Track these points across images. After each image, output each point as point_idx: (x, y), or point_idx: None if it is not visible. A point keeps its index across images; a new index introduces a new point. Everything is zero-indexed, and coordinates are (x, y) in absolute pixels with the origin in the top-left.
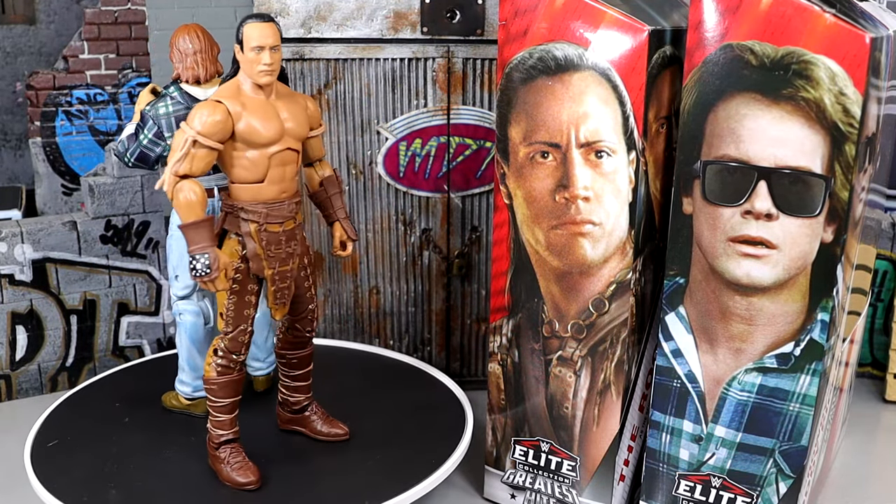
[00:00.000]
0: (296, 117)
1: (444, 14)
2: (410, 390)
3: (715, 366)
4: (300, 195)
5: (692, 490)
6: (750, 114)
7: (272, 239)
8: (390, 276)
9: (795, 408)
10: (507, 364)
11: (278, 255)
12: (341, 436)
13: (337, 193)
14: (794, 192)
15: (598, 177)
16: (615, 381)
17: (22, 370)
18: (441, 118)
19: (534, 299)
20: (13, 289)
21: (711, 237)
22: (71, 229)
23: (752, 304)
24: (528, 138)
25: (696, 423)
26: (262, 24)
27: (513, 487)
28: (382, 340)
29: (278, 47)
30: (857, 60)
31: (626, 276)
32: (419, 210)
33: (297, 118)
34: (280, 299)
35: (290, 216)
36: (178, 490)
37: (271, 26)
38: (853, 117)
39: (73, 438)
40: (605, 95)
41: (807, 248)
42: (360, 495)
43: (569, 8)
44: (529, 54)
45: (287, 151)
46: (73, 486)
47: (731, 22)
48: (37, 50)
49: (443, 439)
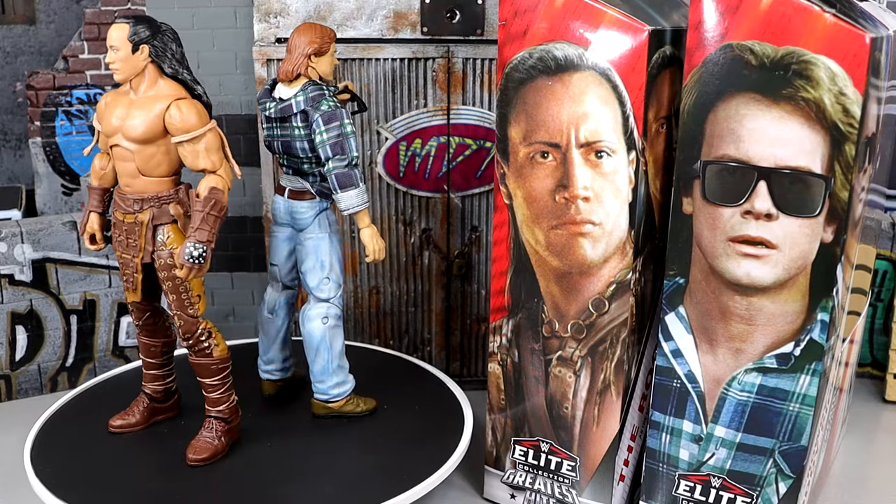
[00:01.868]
0: (135, 118)
1: (444, 14)
2: (410, 390)
3: (715, 366)
4: (159, 201)
5: (692, 490)
6: (750, 114)
7: (117, 224)
8: (390, 276)
9: (795, 408)
10: (507, 364)
11: (119, 241)
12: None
13: (196, 212)
14: (794, 192)
15: (598, 177)
16: (615, 381)
17: (22, 370)
18: (441, 118)
19: (534, 299)
20: (13, 289)
21: (711, 237)
22: (71, 229)
23: (751, 304)
24: (528, 138)
25: (696, 424)
26: (111, 26)
27: (513, 487)
28: (382, 340)
29: (115, 48)
30: (857, 60)
31: (626, 276)
32: (419, 210)
33: (136, 119)
34: (126, 283)
35: (130, 210)
36: (179, 490)
37: (115, 27)
38: (853, 117)
39: (73, 439)
40: (604, 95)
41: (807, 248)
42: (360, 495)
43: (569, 8)
44: (529, 54)
45: (120, 148)
46: (73, 486)
47: (730, 22)
48: (37, 50)
49: (443, 439)
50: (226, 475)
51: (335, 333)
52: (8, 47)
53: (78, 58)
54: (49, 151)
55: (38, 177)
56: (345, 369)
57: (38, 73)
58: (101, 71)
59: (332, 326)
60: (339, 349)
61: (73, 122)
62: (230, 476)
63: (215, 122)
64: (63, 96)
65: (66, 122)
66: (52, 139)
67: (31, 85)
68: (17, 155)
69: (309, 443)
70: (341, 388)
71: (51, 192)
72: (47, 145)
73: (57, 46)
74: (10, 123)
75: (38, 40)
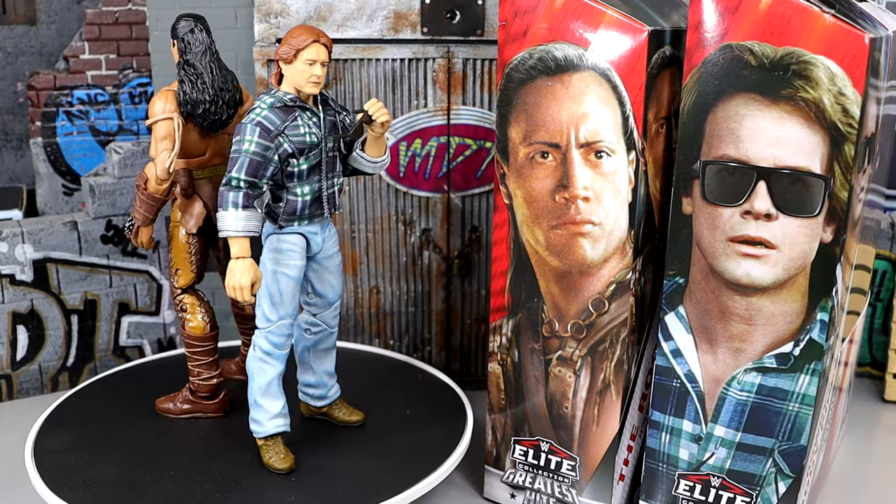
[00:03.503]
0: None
1: (444, 14)
2: (410, 390)
3: (714, 365)
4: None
5: (692, 490)
6: (749, 114)
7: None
8: (390, 276)
9: (795, 407)
10: (507, 364)
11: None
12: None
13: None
14: (794, 192)
15: (598, 177)
16: (615, 380)
17: (23, 370)
18: (441, 118)
19: (534, 299)
20: (14, 289)
21: (711, 237)
22: (72, 229)
23: (751, 304)
24: (528, 138)
25: (696, 423)
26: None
27: (513, 487)
28: (382, 340)
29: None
30: (857, 61)
31: (626, 275)
32: (419, 210)
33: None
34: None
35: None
36: (179, 489)
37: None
38: (852, 117)
39: (74, 438)
40: (604, 96)
41: (806, 248)
42: (361, 495)
43: (569, 8)
44: (529, 55)
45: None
46: (73, 486)
47: (730, 22)
48: (37, 50)
49: (443, 439)
50: (226, 475)
51: (260, 367)
52: (9, 47)
53: (79, 58)
54: (50, 151)
55: (38, 177)
56: (264, 410)
57: (39, 74)
58: (101, 71)
59: (257, 358)
60: (262, 386)
61: (73, 122)
62: (231, 476)
63: (176, 114)
64: (64, 96)
65: (66, 123)
66: (52, 139)
67: (31, 85)
68: (18, 155)
69: (309, 442)
70: (255, 426)
71: (52, 192)
72: (48, 145)
73: (58, 47)
74: (11, 123)
75: (38, 41)
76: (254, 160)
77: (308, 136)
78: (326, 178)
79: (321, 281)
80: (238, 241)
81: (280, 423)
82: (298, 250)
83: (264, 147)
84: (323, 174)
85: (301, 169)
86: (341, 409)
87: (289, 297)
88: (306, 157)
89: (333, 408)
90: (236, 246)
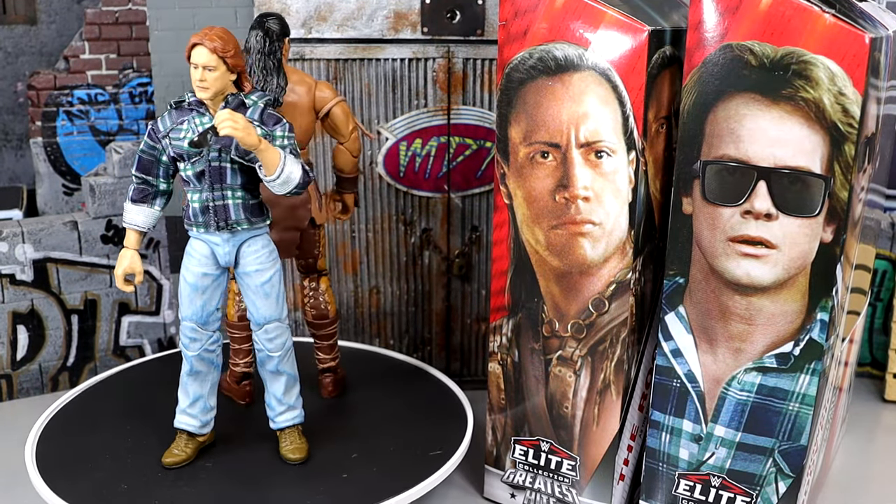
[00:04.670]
0: None
1: (444, 14)
2: (410, 390)
3: (714, 365)
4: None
5: (692, 489)
6: (749, 114)
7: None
8: (390, 276)
9: (795, 407)
10: (507, 364)
11: None
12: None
13: None
14: (794, 191)
15: (598, 177)
16: (615, 380)
17: (23, 370)
18: (441, 118)
19: (534, 299)
20: (14, 289)
21: (711, 237)
22: (72, 229)
23: (751, 304)
24: (528, 138)
25: (696, 423)
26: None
27: (513, 487)
28: (383, 340)
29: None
30: (857, 61)
31: (626, 275)
32: (419, 210)
33: None
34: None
35: None
36: (179, 489)
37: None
38: (852, 117)
39: (74, 438)
40: (604, 95)
41: (806, 248)
42: (361, 494)
43: (569, 8)
44: (529, 54)
45: None
46: (73, 486)
47: (730, 22)
48: (38, 50)
49: (443, 439)
50: (226, 475)
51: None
52: (9, 47)
53: (79, 58)
54: (50, 151)
55: (39, 177)
56: (179, 400)
57: (40, 73)
58: (101, 71)
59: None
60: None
61: (74, 122)
62: (231, 476)
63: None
64: (64, 96)
65: (67, 122)
66: (53, 139)
67: (32, 85)
68: (18, 155)
69: (309, 442)
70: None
71: (52, 192)
72: (48, 145)
73: (58, 46)
74: (12, 123)
75: (39, 40)
76: (143, 158)
77: (187, 140)
78: (213, 188)
79: (247, 298)
80: (128, 231)
81: (183, 420)
82: (198, 257)
83: (150, 146)
84: (207, 183)
85: (188, 174)
86: (286, 440)
87: (186, 301)
88: (190, 162)
89: (280, 436)
90: (128, 238)
